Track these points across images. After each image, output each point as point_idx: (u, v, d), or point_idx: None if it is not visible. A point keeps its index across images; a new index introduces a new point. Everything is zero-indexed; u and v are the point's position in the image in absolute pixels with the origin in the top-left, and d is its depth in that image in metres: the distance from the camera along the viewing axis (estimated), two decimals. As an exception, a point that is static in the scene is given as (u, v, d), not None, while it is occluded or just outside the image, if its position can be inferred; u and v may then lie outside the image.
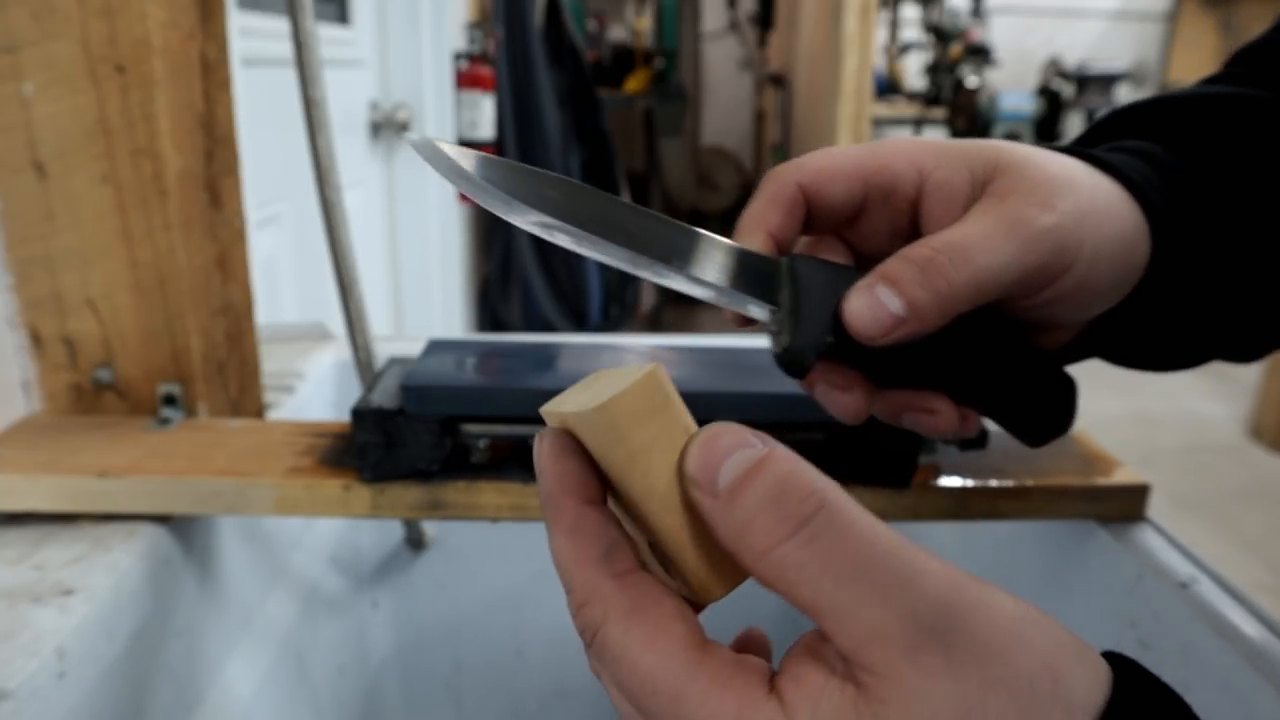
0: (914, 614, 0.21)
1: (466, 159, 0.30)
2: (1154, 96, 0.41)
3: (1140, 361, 0.41)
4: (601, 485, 0.26)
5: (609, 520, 0.25)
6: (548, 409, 0.27)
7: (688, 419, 0.25)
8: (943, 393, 0.35)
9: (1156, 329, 0.38)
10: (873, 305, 0.31)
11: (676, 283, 0.32)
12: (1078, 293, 0.33)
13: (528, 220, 0.30)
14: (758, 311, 0.33)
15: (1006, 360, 0.36)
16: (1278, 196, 0.37)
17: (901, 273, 0.31)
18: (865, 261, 0.36)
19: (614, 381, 0.25)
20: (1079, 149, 0.37)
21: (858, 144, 0.35)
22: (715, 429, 0.24)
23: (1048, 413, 0.37)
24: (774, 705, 0.22)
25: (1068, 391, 0.37)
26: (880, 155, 0.34)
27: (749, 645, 0.28)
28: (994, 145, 0.34)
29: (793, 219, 0.34)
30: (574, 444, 0.26)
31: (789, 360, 0.32)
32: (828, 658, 0.22)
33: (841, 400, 0.35)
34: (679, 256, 0.31)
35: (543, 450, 0.26)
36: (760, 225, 0.33)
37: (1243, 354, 0.41)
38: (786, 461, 0.23)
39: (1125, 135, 0.39)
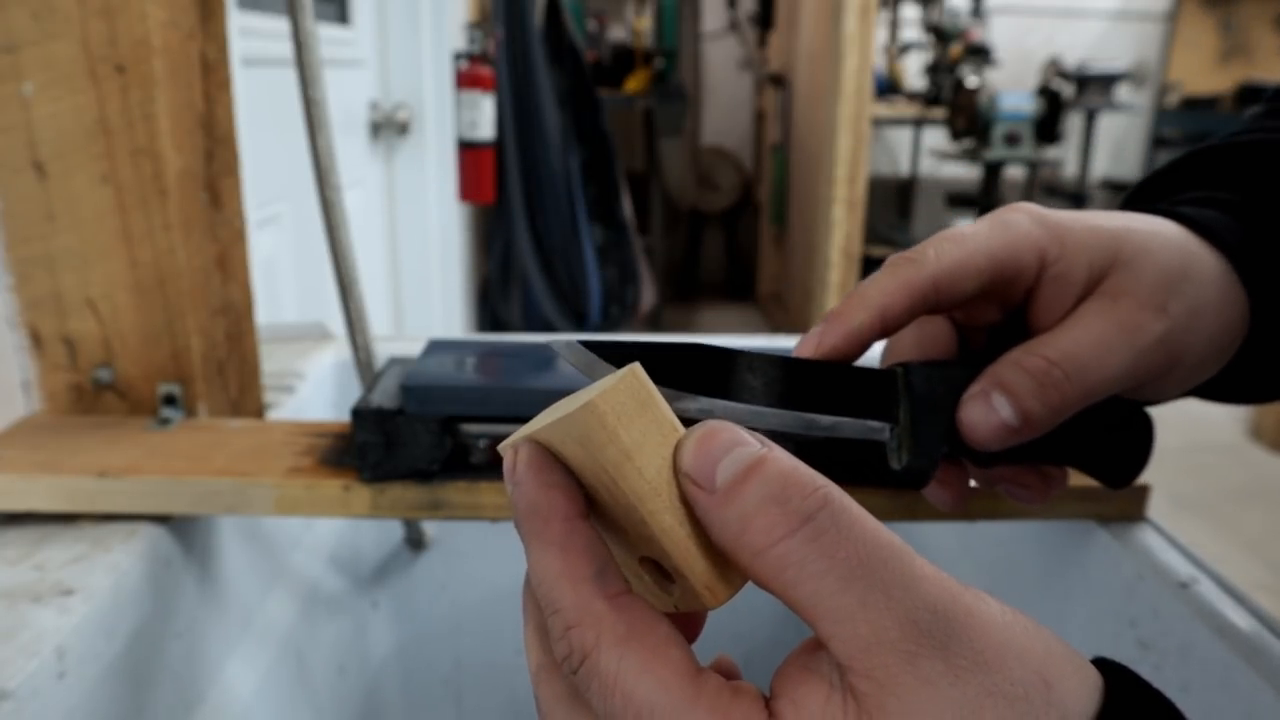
0: (914, 619, 0.21)
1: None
2: (1227, 141, 0.40)
3: (1232, 397, 0.41)
4: (585, 501, 0.24)
5: (598, 538, 0.24)
6: (509, 442, 0.25)
7: (674, 417, 0.24)
8: (1033, 465, 0.36)
9: (1252, 374, 0.38)
10: (988, 416, 0.31)
11: (789, 425, 0.31)
12: (1181, 383, 0.35)
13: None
14: (876, 429, 0.32)
15: (1097, 425, 0.36)
16: None
17: (1017, 384, 0.31)
18: (963, 331, 0.37)
19: (585, 395, 0.24)
20: (1186, 216, 0.36)
21: (987, 227, 0.34)
22: (710, 426, 0.23)
23: (1129, 454, 0.37)
24: (759, 712, 0.22)
25: (1146, 429, 0.37)
26: (1011, 245, 0.33)
27: (719, 672, 0.28)
28: (1114, 232, 0.34)
29: (911, 313, 0.33)
30: (554, 458, 0.24)
31: (912, 477, 0.33)
32: (823, 671, 0.22)
33: (942, 496, 0.36)
34: (793, 398, 0.31)
35: (521, 461, 0.24)
36: (879, 307, 0.32)
37: None
38: (786, 460, 0.22)
39: (1210, 182, 0.39)
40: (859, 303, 0.32)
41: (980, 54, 3.59)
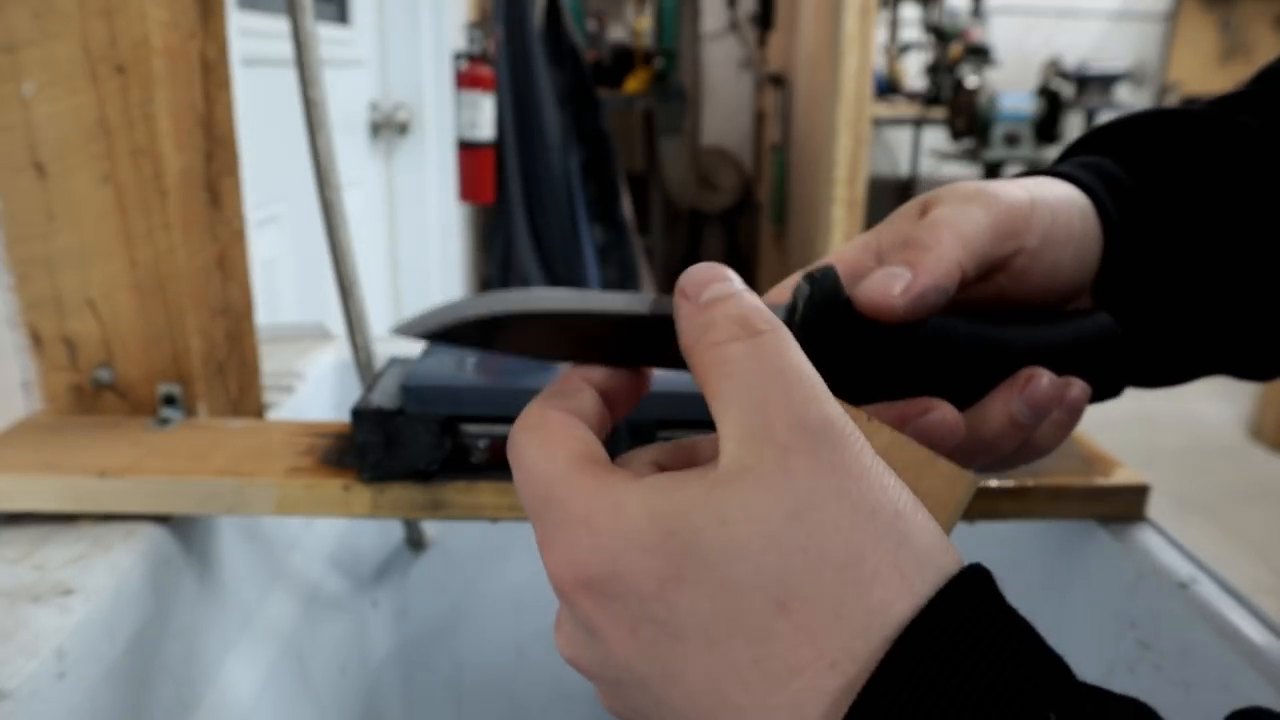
0: (804, 421, 0.24)
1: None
2: (1111, 120, 0.42)
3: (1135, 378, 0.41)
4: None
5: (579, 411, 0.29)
6: None
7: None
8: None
9: (1143, 342, 0.39)
10: (882, 280, 0.31)
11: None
12: (1037, 269, 0.35)
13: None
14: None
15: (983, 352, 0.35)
16: (1229, 207, 0.38)
17: (894, 255, 0.33)
18: None
19: None
20: (1023, 173, 0.39)
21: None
22: (706, 265, 0.28)
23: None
24: (623, 480, 0.25)
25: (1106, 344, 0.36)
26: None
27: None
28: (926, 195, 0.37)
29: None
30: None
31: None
32: (698, 460, 0.28)
33: None
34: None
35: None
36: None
37: (1251, 372, 0.41)
38: (754, 297, 0.27)
39: (1080, 155, 0.41)
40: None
41: (980, 54, 3.59)
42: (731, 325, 0.26)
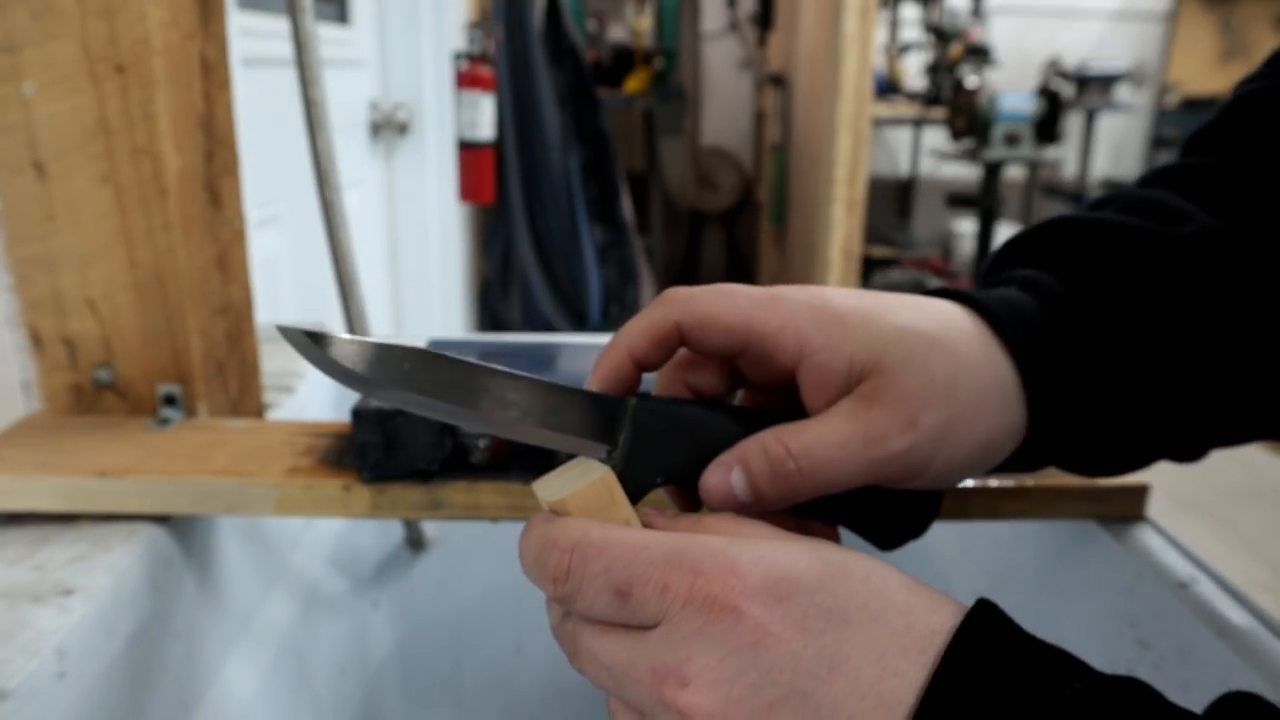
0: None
1: (323, 344, 0.32)
2: (1054, 218, 0.42)
3: (1081, 467, 0.41)
4: None
5: None
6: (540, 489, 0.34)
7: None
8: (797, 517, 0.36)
9: (1080, 443, 0.39)
10: (723, 486, 0.34)
11: (524, 437, 0.34)
12: (936, 483, 0.35)
13: (379, 395, 0.33)
14: (596, 451, 0.35)
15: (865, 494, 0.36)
16: (1165, 319, 0.38)
17: (757, 466, 0.33)
18: (746, 385, 0.38)
19: (587, 472, 0.33)
20: (989, 308, 0.37)
21: (756, 294, 0.35)
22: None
23: (901, 518, 0.37)
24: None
25: (926, 501, 0.37)
26: (768, 320, 0.34)
27: None
28: (891, 332, 0.34)
29: (660, 351, 0.35)
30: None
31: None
32: None
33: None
34: (530, 413, 0.34)
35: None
36: (626, 349, 0.35)
37: (1184, 455, 0.43)
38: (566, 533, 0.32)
39: (1028, 260, 0.41)
40: (614, 344, 0.36)
41: (980, 54, 3.59)
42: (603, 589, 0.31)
